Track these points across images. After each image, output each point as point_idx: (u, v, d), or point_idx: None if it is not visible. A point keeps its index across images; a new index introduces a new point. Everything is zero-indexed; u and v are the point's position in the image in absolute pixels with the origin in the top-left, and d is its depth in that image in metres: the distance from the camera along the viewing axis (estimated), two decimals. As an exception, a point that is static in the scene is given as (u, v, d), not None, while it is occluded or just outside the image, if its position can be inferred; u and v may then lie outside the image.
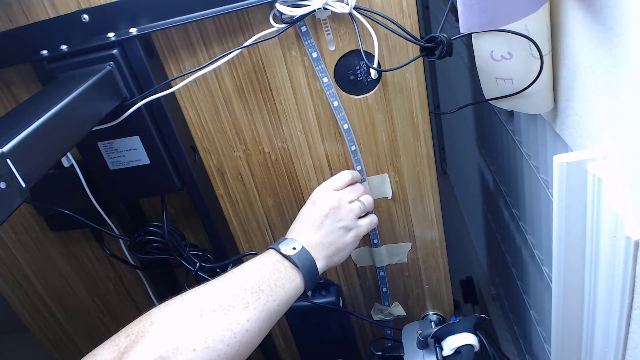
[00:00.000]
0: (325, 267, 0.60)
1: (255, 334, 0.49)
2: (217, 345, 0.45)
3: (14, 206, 0.41)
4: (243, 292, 0.50)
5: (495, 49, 0.53)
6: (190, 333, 0.44)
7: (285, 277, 0.55)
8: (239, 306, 0.49)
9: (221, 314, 0.47)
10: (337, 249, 0.61)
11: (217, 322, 0.47)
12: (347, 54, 0.62)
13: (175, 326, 0.45)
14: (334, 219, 0.62)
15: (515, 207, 0.78)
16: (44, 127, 0.47)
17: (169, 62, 0.65)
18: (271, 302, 0.52)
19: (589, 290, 0.49)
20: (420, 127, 0.66)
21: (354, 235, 0.63)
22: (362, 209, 0.65)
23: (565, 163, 0.44)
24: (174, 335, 0.44)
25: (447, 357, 0.69)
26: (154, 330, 0.44)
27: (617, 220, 0.40)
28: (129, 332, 0.44)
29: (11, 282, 0.86)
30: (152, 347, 0.42)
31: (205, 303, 0.48)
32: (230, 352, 0.46)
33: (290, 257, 0.57)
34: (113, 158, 0.68)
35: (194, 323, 0.45)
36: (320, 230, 0.61)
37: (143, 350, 0.42)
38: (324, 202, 0.63)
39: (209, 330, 0.46)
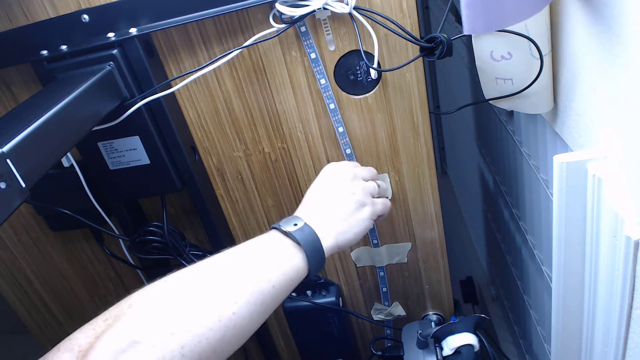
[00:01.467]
0: (334, 247, 0.53)
1: (244, 318, 0.43)
2: (197, 328, 0.40)
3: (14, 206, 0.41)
4: (231, 273, 0.45)
5: (495, 49, 0.53)
6: (169, 316, 0.40)
7: (284, 255, 0.49)
8: (225, 288, 0.44)
9: (204, 294, 0.43)
10: (350, 225, 0.54)
11: (199, 304, 0.42)
12: (347, 54, 0.62)
13: (153, 309, 0.41)
14: (347, 192, 0.56)
15: (515, 207, 0.78)
16: (44, 127, 0.47)
17: (169, 62, 0.65)
18: (264, 283, 0.45)
19: (589, 290, 0.49)
20: (420, 127, 0.66)
21: (369, 211, 0.56)
22: (376, 190, 0.59)
23: (565, 163, 0.44)
24: (151, 319, 0.40)
25: (447, 357, 0.69)
26: (131, 314, 0.40)
27: (617, 220, 0.40)
28: (107, 316, 0.41)
29: (11, 282, 0.86)
30: (127, 330, 0.38)
31: (188, 284, 0.44)
32: (214, 337, 0.41)
33: (290, 234, 0.50)
34: (113, 158, 0.68)
35: (174, 305, 0.41)
36: (330, 204, 0.55)
37: (117, 333, 0.38)
38: (336, 174, 0.57)
39: (190, 313, 0.41)
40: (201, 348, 0.40)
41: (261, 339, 0.89)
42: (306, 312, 0.78)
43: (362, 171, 0.60)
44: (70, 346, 0.39)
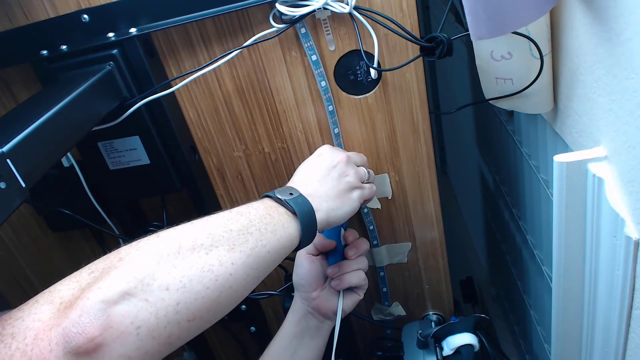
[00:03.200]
0: (324, 221, 0.54)
1: (240, 280, 0.43)
2: (194, 286, 0.39)
3: (14, 206, 0.41)
4: (229, 233, 0.44)
5: (495, 49, 0.53)
6: (164, 270, 0.39)
7: (278, 222, 0.48)
8: (223, 247, 0.43)
9: (202, 253, 0.41)
10: (342, 203, 0.56)
11: (197, 261, 0.40)
12: (347, 54, 0.62)
13: (146, 262, 0.39)
14: (341, 173, 0.58)
15: (515, 207, 0.78)
16: (44, 127, 0.47)
17: (169, 62, 0.65)
18: (260, 247, 0.45)
19: (589, 290, 0.49)
20: (420, 127, 0.66)
21: (358, 194, 0.58)
22: (366, 176, 0.62)
23: (565, 163, 0.44)
24: (144, 271, 0.38)
25: (447, 357, 0.69)
26: (122, 266, 0.38)
27: (617, 220, 0.40)
28: (93, 269, 0.38)
29: (11, 282, 0.86)
30: (118, 282, 0.36)
31: (185, 240, 0.41)
32: (210, 296, 0.40)
33: (285, 202, 0.50)
34: (113, 158, 0.68)
35: (169, 260, 0.39)
36: (324, 180, 0.56)
37: (107, 284, 0.36)
38: (332, 155, 0.59)
39: (186, 269, 0.39)
40: (196, 306, 0.39)
41: (261, 339, 0.89)
42: (306, 312, 0.78)
43: (355, 156, 0.63)
44: (51, 298, 0.37)
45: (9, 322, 0.35)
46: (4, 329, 0.34)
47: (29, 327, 0.34)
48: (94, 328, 0.34)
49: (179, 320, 0.38)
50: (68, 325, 0.34)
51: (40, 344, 0.33)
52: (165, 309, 0.37)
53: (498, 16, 0.35)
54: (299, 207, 0.51)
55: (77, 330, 0.33)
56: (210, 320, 0.41)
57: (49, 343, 0.33)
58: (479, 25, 0.35)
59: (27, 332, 0.34)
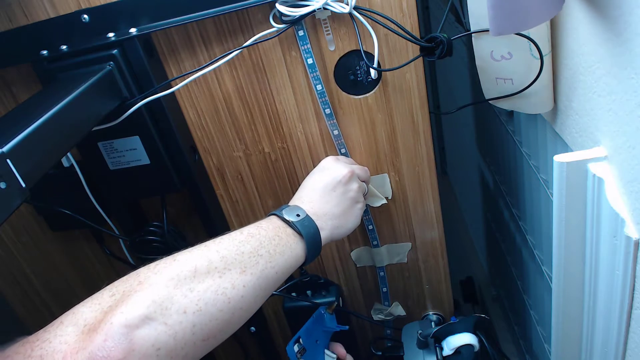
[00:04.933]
0: (328, 239, 0.56)
1: (250, 301, 0.45)
2: (209, 309, 0.41)
3: (14, 206, 0.41)
4: (240, 256, 0.46)
5: (495, 49, 0.53)
6: (181, 294, 0.41)
7: (286, 244, 0.51)
8: (236, 270, 0.45)
9: (216, 276, 0.43)
10: (346, 220, 0.58)
11: (212, 284, 0.43)
12: (347, 54, 0.62)
13: (165, 286, 0.41)
14: (345, 189, 0.59)
15: (515, 207, 0.78)
16: (44, 127, 0.47)
17: (169, 62, 0.65)
18: (269, 268, 0.47)
19: (589, 290, 0.49)
20: (420, 127, 0.66)
21: (360, 208, 0.60)
22: (366, 190, 0.64)
23: (565, 163, 0.44)
24: (163, 295, 0.40)
25: (447, 357, 0.69)
26: (142, 290, 0.40)
27: (617, 220, 0.40)
28: (114, 292, 0.41)
29: (11, 281, 0.86)
30: (139, 306, 0.38)
31: (200, 264, 0.44)
32: (223, 318, 0.42)
33: (293, 224, 0.53)
34: (113, 158, 0.68)
35: (186, 283, 0.42)
36: (329, 198, 0.58)
37: (129, 309, 0.38)
38: (336, 170, 0.60)
39: (202, 292, 0.42)
40: (210, 328, 0.41)
41: (261, 339, 0.89)
42: (306, 312, 0.78)
43: (360, 171, 0.64)
44: (75, 320, 0.38)
45: (37, 343, 0.37)
46: (33, 351, 0.36)
47: (56, 349, 0.36)
48: (118, 352, 0.36)
49: (195, 341, 0.40)
50: (94, 349, 0.36)
51: None
52: (183, 332, 0.39)
53: (521, 11, 0.36)
54: (305, 229, 0.53)
55: (102, 354, 0.36)
56: (222, 339, 0.43)
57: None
58: (502, 19, 0.36)
59: (55, 354, 0.36)
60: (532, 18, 0.36)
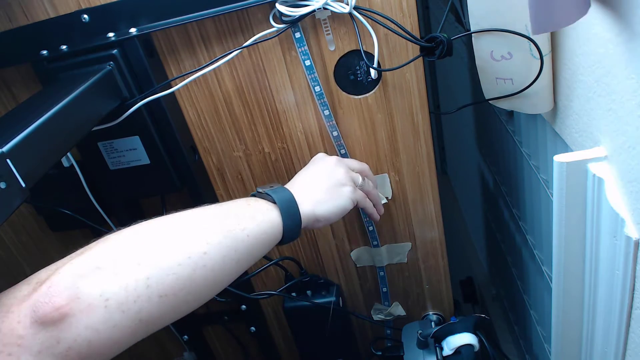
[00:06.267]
0: (311, 214, 0.53)
1: (216, 260, 0.43)
2: (165, 262, 0.40)
3: (14, 206, 0.41)
4: (203, 217, 0.45)
5: (496, 49, 0.53)
6: (136, 248, 0.40)
7: (257, 209, 0.49)
8: (197, 228, 0.44)
9: (177, 234, 0.43)
10: (330, 196, 0.55)
11: (170, 241, 0.42)
12: (347, 54, 0.62)
13: (120, 243, 0.40)
14: (330, 171, 0.57)
15: (515, 207, 0.78)
16: (44, 127, 0.47)
17: (169, 62, 0.65)
18: (238, 230, 0.46)
19: (589, 290, 0.49)
20: (420, 127, 0.66)
21: (349, 190, 0.57)
22: (360, 181, 0.60)
23: (565, 163, 0.44)
24: (117, 249, 0.39)
25: (447, 357, 0.69)
26: (97, 246, 0.40)
27: (617, 220, 0.40)
28: (72, 255, 0.40)
29: (11, 282, 0.86)
30: (90, 258, 0.38)
31: (162, 225, 0.43)
32: (182, 273, 0.40)
33: (265, 193, 0.52)
34: (113, 158, 0.68)
35: (142, 240, 0.41)
36: (312, 179, 0.57)
37: (79, 260, 0.38)
38: (323, 159, 0.60)
39: (159, 247, 0.41)
40: (168, 282, 0.40)
41: (261, 339, 0.89)
42: (306, 312, 0.78)
43: (350, 161, 0.63)
44: (29, 280, 0.38)
45: None
46: None
47: (4, 303, 0.36)
48: (61, 298, 0.35)
49: (150, 295, 0.38)
50: (37, 296, 0.35)
51: (11, 317, 0.35)
52: (135, 282, 0.38)
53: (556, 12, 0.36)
54: (277, 195, 0.52)
55: (44, 300, 0.35)
56: (187, 300, 0.41)
57: (18, 315, 0.35)
58: (545, 17, 0.36)
59: (2, 308, 0.35)
60: (568, 16, 0.37)
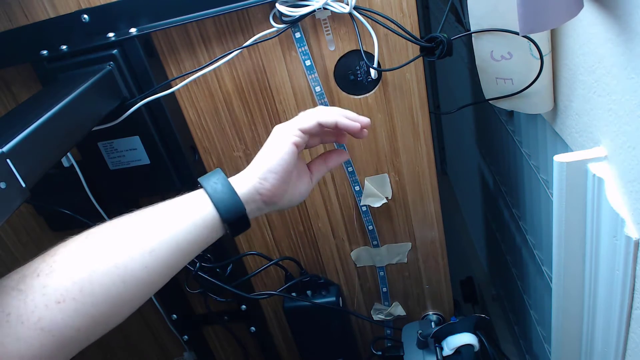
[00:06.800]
0: (252, 179, 0.48)
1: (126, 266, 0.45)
2: (61, 268, 0.42)
3: (14, 206, 0.40)
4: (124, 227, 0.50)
5: (496, 49, 0.53)
6: (44, 262, 0.43)
7: (182, 199, 0.51)
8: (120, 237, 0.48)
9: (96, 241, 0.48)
10: (266, 153, 0.49)
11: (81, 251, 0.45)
12: (347, 54, 0.62)
13: (41, 260, 0.43)
14: (269, 139, 0.50)
15: (515, 207, 0.78)
16: (44, 127, 0.47)
17: (169, 62, 0.65)
18: (150, 211, 0.50)
19: (589, 290, 0.49)
20: (420, 127, 0.66)
21: (284, 132, 0.49)
22: (306, 113, 0.51)
23: (565, 163, 0.44)
24: (33, 268, 0.41)
25: (447, 357, 0.69)
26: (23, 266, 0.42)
27: (617, 220, 0.40)
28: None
29: (11, 282, 0.86)
30: (12, 274, 0.40)
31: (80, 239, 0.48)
32: (76, 278, 0.42)
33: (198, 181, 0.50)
34: (113, 158, 0.68)
35: (52, 254, 0.44)
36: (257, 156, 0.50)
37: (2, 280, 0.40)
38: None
39: (62, 256, 0.44)
40: (65, 287, 0.41)
41: (261, 339, 0.89)
42: (306, 312, 0.78)
43: (301, 119, 0.51)
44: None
45: None
46: None
47: None
48: None
49: (46, 303, 0.39)
50: None
51: None
52: (33, 293, 0.39)
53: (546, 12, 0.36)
54: (204, 178, 0.50)
55: None
56: (90, 302, 0.41)
57: None
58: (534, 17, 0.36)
59: None
60: (557, 17, 0.37)
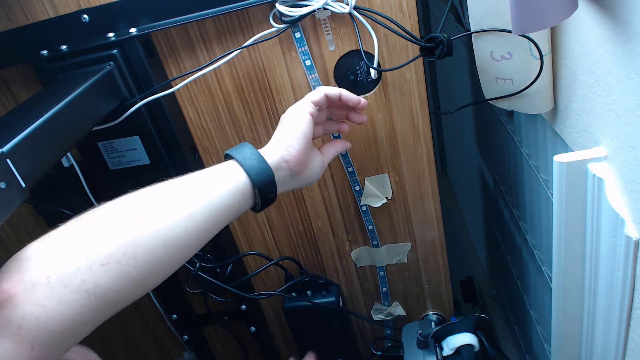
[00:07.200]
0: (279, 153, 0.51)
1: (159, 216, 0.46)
2: (103, 231, 0.42)
3: (14, 206, 0.40)
4: (149, 193, 0.49)
5: (495, 49, 0.53)
6: (80, 225, 0.43)
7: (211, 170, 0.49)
8: (154, 203, 0.48)
9: (120, 208, 0.47)
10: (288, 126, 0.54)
11: (114, 214, 0.45)
12: (347, 54, 0.62)
13: (75, 222, 0.43)
14: (285, 115, 0.55)
15: (515, 207, 0.78)
16: (44, 127, 0.47)
17: (169, 62, 0.65)
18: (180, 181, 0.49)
19: (589, 290, 0.49)
20: (420, 127, 0.66)
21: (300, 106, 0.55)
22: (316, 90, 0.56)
23: (565, 163, 0.44)
24: (66, 230, 0.41)
25: (447, 357, 0.69)
26: (54, 231, 0.41)
27: (617, 220, 0.40)
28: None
29: (11, 282, 0.86)
30: (38, 241, 0.39)
31: (115, 204, 0.48)
32: (119, 241, 0.41)
33: (226, 154, 0.51)
34: (113, 158, 0.68)
35: (86, 219, 0.44)
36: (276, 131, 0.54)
37: (29, 245, 0.39)
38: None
39: (98, 221, 0.44)
40: (107, 250, 0.40)
41: (261, 339, 0.89)
42: (306, 312, 0.78)
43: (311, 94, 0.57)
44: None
45: None
46: None
47: None
48: (6, 281, 0.36)
49: (90, 266, 0.39)
50: None
51: None
52: (75, 257, 0.38)
53: (539, 12, 0.36)
54: (235, 150, 0.50)
55: None
56: (133, 264, 0.41)
57: None
58: (527, 17, 0.36)
59: None
60: (551, 17, 0.37)
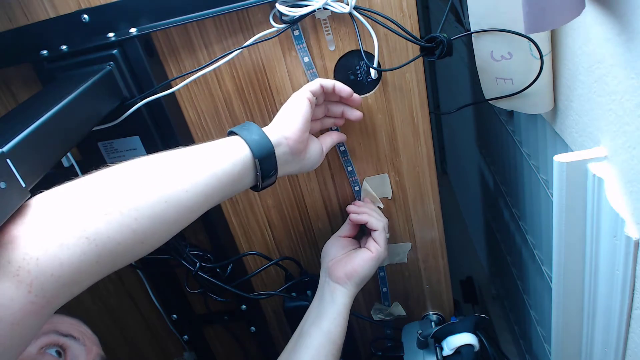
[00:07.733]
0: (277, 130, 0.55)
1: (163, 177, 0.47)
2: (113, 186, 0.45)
3: (14, 206, 0.40)
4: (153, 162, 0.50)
5: (496, 49, 0.53)
6: (93, 179, 0.45)
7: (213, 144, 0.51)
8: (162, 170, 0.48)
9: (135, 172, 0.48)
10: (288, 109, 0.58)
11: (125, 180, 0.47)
12: (347, 54, 0.62)
13: (87, 178, 0.44)
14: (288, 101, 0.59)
15: (515, 207, 0.78)
16: (44, 127, 0.47)
17: (169, 62, 0.65)
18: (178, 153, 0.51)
19: (589, 290, 0.49)
20: (420, 127, 0.66)
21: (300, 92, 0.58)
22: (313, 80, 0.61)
23: (565, 163, 0.44)
24: (80, 182, 0.43)
25: (447, 357, 0.69)
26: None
27: (617, 220, 0.40)
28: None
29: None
30: (51, 191, 0.41)
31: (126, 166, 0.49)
32: (125, 192, 0.44)
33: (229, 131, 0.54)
34: (113, 158, 0.68)
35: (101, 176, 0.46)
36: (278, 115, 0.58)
37: (41, 194, 0.41)
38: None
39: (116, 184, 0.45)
40: (112, 199, 0.43)
41: (261, 339, 0.89)
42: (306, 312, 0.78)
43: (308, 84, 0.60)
44: None
45: None
46: None
47: None
48: (10, 223, 0.37)
49: (93, 213, 0.40)
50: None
51: None
52: (78, 204, 0.40)
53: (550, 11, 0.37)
54: (239, 127, 0.53)
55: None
56: (134, 216, 0.42)
57: None
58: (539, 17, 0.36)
59: None
60: (562, 16, 0.37)
